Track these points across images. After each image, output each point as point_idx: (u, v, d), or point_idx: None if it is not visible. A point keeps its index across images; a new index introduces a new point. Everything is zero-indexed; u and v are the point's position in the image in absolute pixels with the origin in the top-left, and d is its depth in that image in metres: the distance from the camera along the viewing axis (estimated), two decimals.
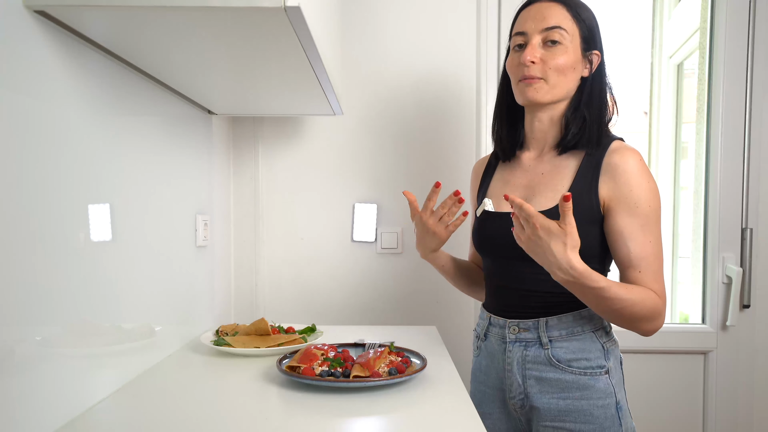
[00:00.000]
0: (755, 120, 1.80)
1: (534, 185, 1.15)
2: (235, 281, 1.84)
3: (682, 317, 2.18)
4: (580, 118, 1.11)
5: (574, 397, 1.07)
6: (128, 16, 0.81)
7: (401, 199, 1.83)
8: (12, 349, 0.76)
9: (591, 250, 1.06)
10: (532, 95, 1.10)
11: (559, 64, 1.08)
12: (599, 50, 1.13)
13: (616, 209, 1.04)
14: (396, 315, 1.82)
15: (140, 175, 1.14)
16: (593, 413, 1.06)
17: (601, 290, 0.96)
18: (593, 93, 1.12)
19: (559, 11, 1.09)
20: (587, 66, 1.12)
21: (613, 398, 1.07)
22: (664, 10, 2.45)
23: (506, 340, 1.14)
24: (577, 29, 1.10)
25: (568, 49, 1.09)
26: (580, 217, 1.02)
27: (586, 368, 1.07)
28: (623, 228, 1.04)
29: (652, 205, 1.04)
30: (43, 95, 0.82)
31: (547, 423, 1.09)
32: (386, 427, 0.87)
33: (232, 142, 1.83)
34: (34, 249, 0.79)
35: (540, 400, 1.09)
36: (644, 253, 1.03)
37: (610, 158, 1.06)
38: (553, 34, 1.08)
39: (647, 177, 1.05)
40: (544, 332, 1.09)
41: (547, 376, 1.09)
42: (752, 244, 1.80)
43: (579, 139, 1.10)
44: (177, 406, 0.96)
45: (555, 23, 1.08)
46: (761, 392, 1.83)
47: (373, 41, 1.81)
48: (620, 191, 1.04)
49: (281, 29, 0.86)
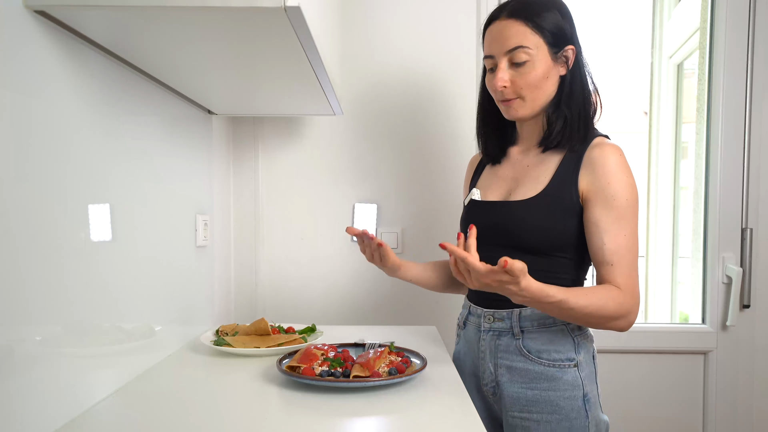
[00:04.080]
0: (755, 120, 1.80)
1: (519, 177, 1.19)
2: (235, 281, 1.84)
3: (682, 317, 2.18)
4: (562, 117, 1.12)
5: (541, 387, 1.10)
6: (128, 16, 0.81)
7: (401, 199, 1.83)
8: (12, 349, 0.76)
9: (568, 241, 1.09)
10: (514, 114, 1.14)
11: (530, 82, 1.09)
12: (572, 43, 1.11)
13: (593, 201, 1.07)
14: (396, 315, 1.82)
15: (140, 175, 1.14)
16: (560, 404, 1.08)
17: (559, 303, 0.98)
18: (574, 88, 1.12)
19: (517, 28, 1.08)
20: (563, 64, 1.12)
21: (581, 390, 1.09)
22: (664, 10, 2.45)
23: (481, 329, 1.18)
24: (540, 39, 1.08)
25: (536, 64, 1.08)
26: (559, 208, 1.08)
27: (556, 360, 1.10)
28: (599, 220, 1.06)
29: (629, 200, 1.06)
30: (43, 95, 0.82)
31: (515, 413, 1.12)
32: (386, 427, 0.87)
33: (232, 142, 1.83)
34: (34, 249, 0.79)
35: (509, 389, 1.13)
36: (617, 246, 1.05)
37: (591, 152, 1.09)
38: (517, 55, 1.08)
39: (626, 172, 1.07)
40: (517, 323, 1.12)
41: (517, 366, 1.12)
42: (752, 244, 1.80)
43: (561, 138, 1.12)
44: (177, 406, 0.96)
45: (516, 43, 1.08)
46: (761, 392, 1.83)
47: (373, 41, 1.81)
48: (598, 184, 1.06)
49: (281, 29, 0.86)
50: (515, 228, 1.12)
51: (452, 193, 1.81)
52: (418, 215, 1.83)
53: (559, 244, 1.10)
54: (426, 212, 1.83)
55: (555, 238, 1.09)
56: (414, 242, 1.83)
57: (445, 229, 1.81)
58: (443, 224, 1.82)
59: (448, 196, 1.82)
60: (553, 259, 1.11)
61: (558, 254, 1.11)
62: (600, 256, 1.07)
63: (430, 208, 1.83)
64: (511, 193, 1.17)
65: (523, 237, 1.11)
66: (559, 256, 1.11)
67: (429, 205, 1.83)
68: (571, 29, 1.12)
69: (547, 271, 1.10)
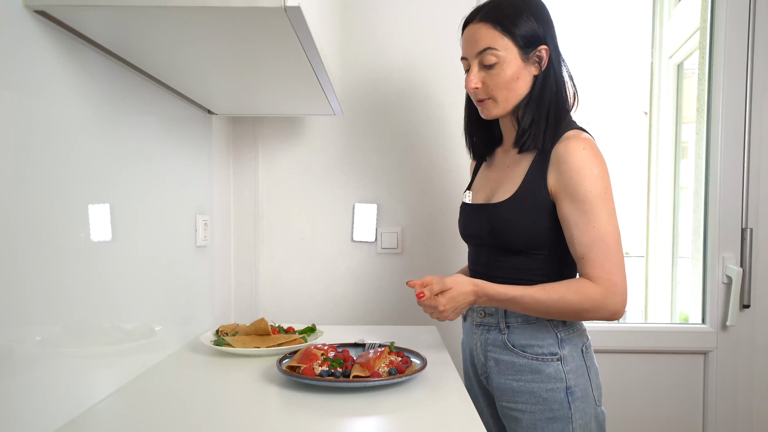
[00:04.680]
0: (755, 120, 1.80)
1: (500, 178, 1.23)
2: (235, 281, 1.84)
3: (682, 317, 2.18)
4: (530, 116, 1.13)
5: (525, 379, 1.14)
6: (128, 16, 0.81)
7: (401, 199, 1.83)
8: (12, 349, 0.76)
9: (544, 239, 1.12)
10: (488, 114, 1.18)
11: (500, 83, 1.12)
12: (545, 43, 1.12)
13: (561, 197, 1.09)
14: (396, 315, 1.82)
15: (140, 175, 1.14)
16: (542, 395, 1.12)
17: (514, 299, 1.08)
18: (545, 88, 1.13)
19: (486, 32, 1.11)
20: (536, 64, 1.13)
21: (563, 383, 1.12)
22: (664, 10, 2.45)
23: (474, 323, 1.24)
24: (510, 42, 1.10)
25: (504, 66, 1.11)
26: (532, 208, 1.11)
27: (538, 354, 1.14)
28: (568, 216, 1.08)
29: (594, 192, 1.05)
30: (43, 95, 0.82)
31: (503, 403, 1.18)
32: (386, 427, 0.87)
33: (232, 142, 1.83)
34: (34, 249, 0.79)
35: (498, 379, 1.18)
36: (587, 239, 1.06)
37: (557, 149, 1.10)
38: (486, 57, 1.12)
39: (591, 164, 1.06)
40: (503, 318, 1.17)
41: (504, 359, 1.17)
42: (752, 244, 1.80)
43: (529, 136, 1.13)
44: (177, 406, 0.96)
45: (485, 45, 1.11)
46: (761, 392, 1.83)
47: (373, 41, 1.81)
48: (563, 180, 1.08)
49: (281, 29, 0.86)
50: (497, 229, 1.15)
51: (452, 193, 1.81)
52: (418, 215, 1.83)
53: (536, 242, 1.12)
54: (426, 212, 1.83)
55: (531, 237, 1.12)
56: (414, 242, 1.83)
57: (445, 229, 1.82)
58: (443, 224, 1.82)
59: (448, 196, 1.82)
60: (532, 258, 1.14)
61: (536, 252, 1.13)
62: (573, 250, 1.09)
63: (430, 208, 1.83)
64: (494, 194, 1.20)
65: (503, 238, 1.15)
66: (537, 254, 1.13)
67: (429, 205, 1.83)
68: (545, 30, 1.13)
69: (527, 269, 1.14)
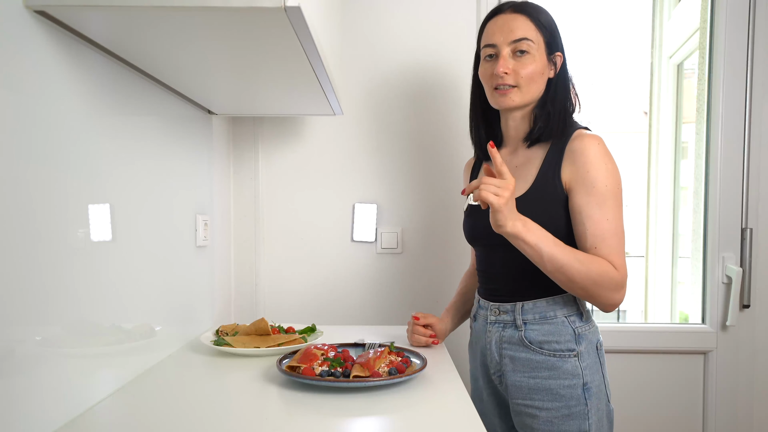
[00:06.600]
0: (755, 120, 1.80)
1: None
2: (235, 281, 1.84)
3: (682, 317, 2.18)
4: (546, 114, 1.20)
5: (542, 376, 1.15)
6: (128, 16, 0.81)
7: (401, 199, 1.83)
8: (12, 349, 0.76)
9: (559, 232, 1.13)
10: (508, 103, 1.20)
11: (529, 73, 1.17)
12: (561, 51, 1.22)
13: (575, 190, 1.13)
14: (396, 315, 1.82)
15: (140, 175, 1.14)
16: (559, 392, 1.13)
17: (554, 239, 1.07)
18: (558, 91, 1.22)
19: (523, 22, 1.18)
20: (552, 68, 1.22)
21: (581, 380, 1.14)
22: (664, 10, 2.45)
23: (488, 321, 1.24)
24: (541, 37, 1.18)
25: (536, 57, 1.18)
26: (547, 201, 1.14)
27: (556, 350, 1.15)
28: (581, 207, 1.11)
29: (609, 185, 1.11)
30: (43, 95, 0.82)
31: (518, 400, 1.18)
32: (386, 427, 0.87)
33: (232, 142, 1.83)
34: (34, 249, 0.79)
35: (513, 377, 1.18)
36: (599, 231, 1.10)
37: (572, 144, 1.15)
38: (521, 45, 1.17)
39: (605, 159, 1.13)
40: (520, 315, 1.18)
41: (520, 356, 1.17)
42: (752, 244, 1.80)
43: (543, 131, 1.20)
44: (177, 406, 0.96)
45: (521, 35, 1.17)
46: (761, 392, 1.83)
47: (373, 41, 1.81)
48: (579, 173, 1.12)
49: (281, 29, 0.86)
50: None
51: (452, 193, 1.81)
52: (418, 215, 1.83)
53: (555, 235, 1.12)
54: (426, 212, 1.83)
55: (549, 230, 1.12)
56: (414, 242, 1.83)
57: (445, 229, 1.82)
58: (443, 224, 1.82)
59: (448, 196, 1.82)
60: None
61: None
62: (584, 241, 1.11)
63: (430, 208, 1.83)
64: None
65: None
66: None
67: (429, 206, 1.83)
68: (560, 38, 1.23)
69: None
